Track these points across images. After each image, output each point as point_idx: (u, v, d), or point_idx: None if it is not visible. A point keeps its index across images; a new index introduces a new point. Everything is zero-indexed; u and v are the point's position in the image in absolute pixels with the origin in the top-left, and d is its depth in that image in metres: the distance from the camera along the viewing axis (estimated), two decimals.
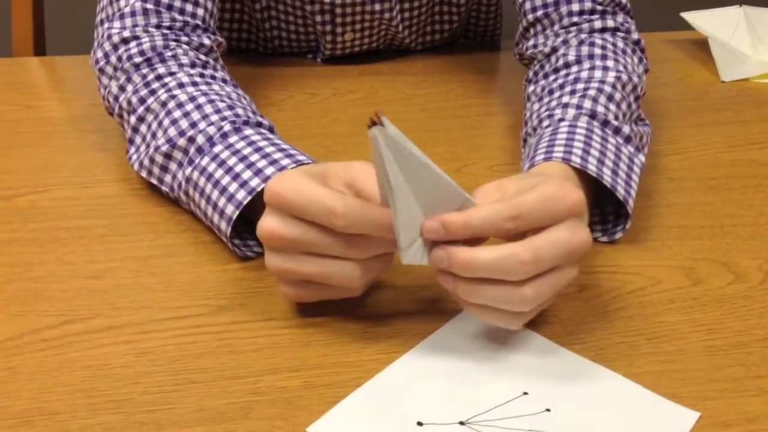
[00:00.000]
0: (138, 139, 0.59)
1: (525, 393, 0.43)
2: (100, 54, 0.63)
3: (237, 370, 0.45)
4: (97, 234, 0.56)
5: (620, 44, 0.65)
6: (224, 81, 0.61)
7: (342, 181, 0.45)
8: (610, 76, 0.61)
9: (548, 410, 0.42)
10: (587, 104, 0.58)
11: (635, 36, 0.67)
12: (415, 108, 0.77)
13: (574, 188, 0.44)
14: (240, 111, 0.56)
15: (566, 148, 0.53)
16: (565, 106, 0.58)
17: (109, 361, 0.45)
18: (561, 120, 0.57)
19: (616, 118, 0.58)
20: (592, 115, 0.57)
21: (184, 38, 0.63)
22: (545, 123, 0.58)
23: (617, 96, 0.59)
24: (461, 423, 0.41)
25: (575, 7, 0.67)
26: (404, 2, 0.82)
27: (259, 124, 0.56)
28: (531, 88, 0.66)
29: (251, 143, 0.53)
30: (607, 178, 0.53)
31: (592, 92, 0.59)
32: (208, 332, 0.47)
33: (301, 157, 0.52)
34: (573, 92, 0.60)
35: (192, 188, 0.54)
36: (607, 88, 0.59)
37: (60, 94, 0.79)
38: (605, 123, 0.57)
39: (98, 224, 0.57)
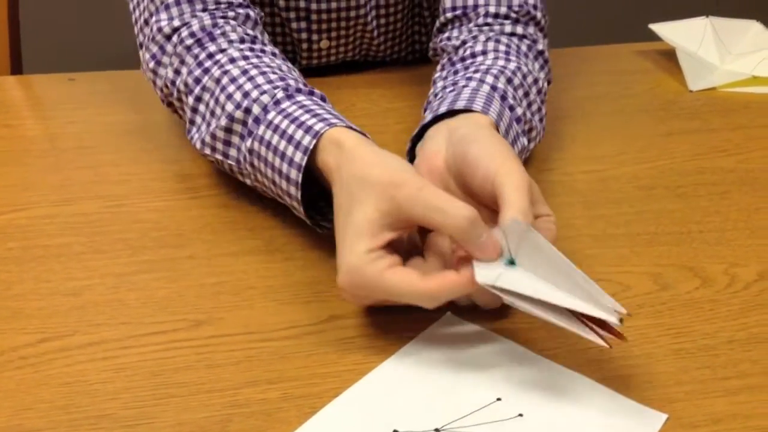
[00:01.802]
0: (198, 119, 0.61)
1: (498, 399, 0.44)
2: (155, 49, 0.64)
3: (215, 384, 0.45)
4: (75, 251, 0.57)
5: (524, 48, 0.69)
6: (274, 54, 0.63)
7: (400, 219, 0.47)
8: (511, 65, 0.64)
9: (521, 415, 0.43)
10: (489, 79, 0.61)
11: (540, 47, 0.71)
12: (391, 121, 0.78)
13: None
14: (291, 82, 0.58)
15: (468, 101, 0.57)
16: (469, 79, 0.62)
17: (88, 378, 0.46)
18: (464, 86, 0.61)
19: (514, 98, 0.61)
20: (493, 88, 0.60)
21: (231, 13, 0.65)
22: (448, 89, 0.61)
23: (516, 81, 0.63)
24: (437, 430, 0.42)
25: (492, 9, 0.71)
26: (380, 8, 0.84)
27: (312, 93, 0.58)
28: (437, 74, 0.69)
29: (303, 106, 0.55)
30: (501, 132, 0.56)
31: (494, 71, 0.63)
32: (187, 347, 0.48)
33: (350, 124, 0.54)
34: (476, 71, 0.63)
35: (256, 159, 0.56)
36: (508, 73, 0.63)
37: (37, 113, 0.79)
38: (503, 98, 0.60)
39: (76, 242, 0.58)
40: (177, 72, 0.63)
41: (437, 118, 0.57)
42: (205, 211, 0.61)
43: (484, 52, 0.67)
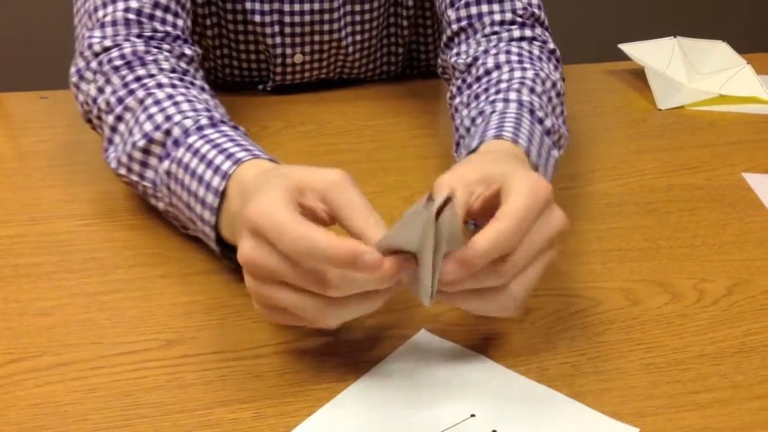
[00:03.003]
0: (117, 138, 0.60)
1: (473, 415, 0.44)
2: (81, 63, 0.64)
3: (187, 404, 0.45)
4: (45, 271, 0.56)
5: (536, 52, 0.69)
6: (202, 89, 0.63)
7: (318, 197, 0.45)
8: (529, 74, 0.65)
9: (495, 431, 0.43)
10: (513, 96, 0.62)
11: (551, 46, 0.71)
12: (365, 139, 0.78)
13: (540, 177, 0.46)
14: (216, 114, 0.58)
15: (497, 129, 0.57)
16: (493, 102, 0.62)
17: (58, 399, 0.45)
18: (492, 113, 0.61)
19: (541, 108, 0.62)
20: (520, 103, 0.61)
21: (166, 46, 0.65)
22: (478, 120, 0.61)
23: (538, 89, 0.63)
24: None
25: (497, 17, 0.71)
26: (356, 24, 0.84)
27: (236, 127, 0.58)
28: (457, 99, 0.69)
29: (226, 135, 0.55)
30: (533, 156, 0.56)
31: (515, 86, 0.63)
32: (158, 366, 0.48)
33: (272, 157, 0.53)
34: (498, 91, 0.63)
35: (173, 181, 0.55)
36: (528, 82, 0.64)
37: (7, 131, 0.78)
38: (531, 112, 0.60)
39: (46, 261, 0.57)
40: (100, 90, 0.62)
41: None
42: (179, 230, 0.61)
43: (497, 66, 0.67)
